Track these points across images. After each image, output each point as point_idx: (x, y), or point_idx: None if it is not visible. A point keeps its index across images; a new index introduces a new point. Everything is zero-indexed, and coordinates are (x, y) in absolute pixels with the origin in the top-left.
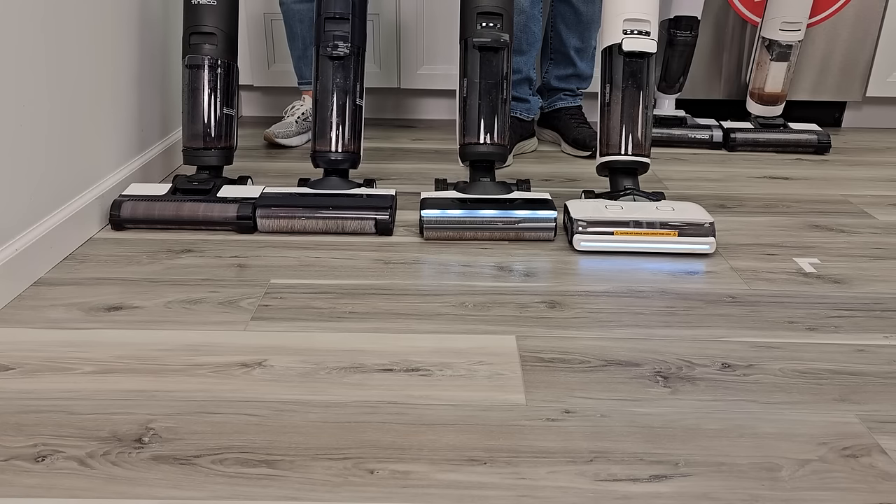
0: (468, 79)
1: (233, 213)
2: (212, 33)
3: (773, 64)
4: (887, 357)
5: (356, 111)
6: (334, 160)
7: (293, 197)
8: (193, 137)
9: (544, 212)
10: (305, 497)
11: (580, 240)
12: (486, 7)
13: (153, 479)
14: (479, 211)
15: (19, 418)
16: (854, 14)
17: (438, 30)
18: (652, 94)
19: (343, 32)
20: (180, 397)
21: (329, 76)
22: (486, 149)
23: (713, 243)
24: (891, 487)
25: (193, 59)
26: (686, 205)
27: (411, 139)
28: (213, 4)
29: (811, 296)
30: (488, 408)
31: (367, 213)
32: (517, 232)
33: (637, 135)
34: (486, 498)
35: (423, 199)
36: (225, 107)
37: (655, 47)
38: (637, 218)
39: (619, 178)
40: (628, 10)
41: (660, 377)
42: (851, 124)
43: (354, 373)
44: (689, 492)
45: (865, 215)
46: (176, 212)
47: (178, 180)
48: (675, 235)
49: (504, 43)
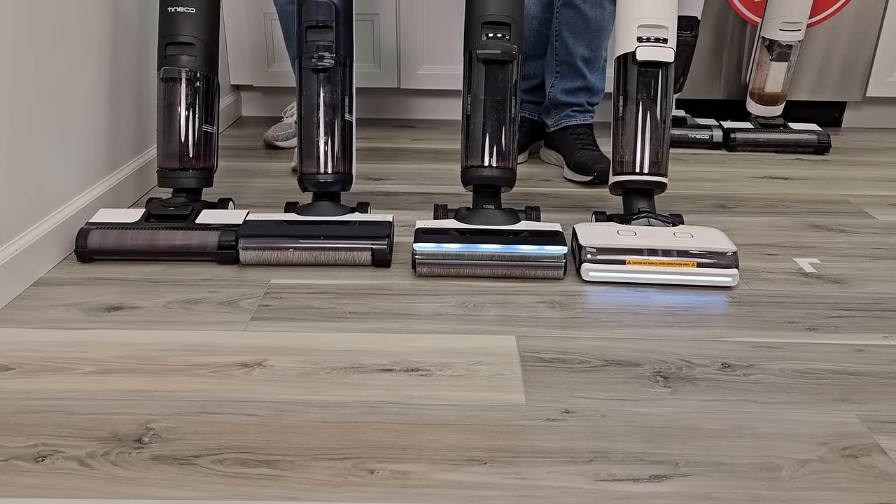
0: (472, 95)
1: (213, 241)
2: (190, 44)
3: (773, 64)
4: (887, 357)
5: (346, 127)
6: (323, 183)
7: (279, 225)
8: (169, 157)
9: (552, 247)
10: (305, 497)
11: (589, 269)
12: (492, 16)
13: (153, 479)
14: (480, 245)
15: (19, 418)
16: (854, 14)
17: (438, 30)
18: (670, 108)
19: (327, 42)
20: (180, 397)
21: (314, 90)
22: (490, 172)
23: (736, 275)
24: (891, 487)
25: (169, 72)
26: (707, 231)
27: (411, 139)
28: (190, 13)
29: (811, 296)
30: (488, 408)
31: (362, 242)
32: (521, 269)
33: (653, 152)
34: (486, 498)
35: (418, 229)
36: (204, 124)
37: (673, 56)
38: (652, 245)
39: (633, 199)
40: (643, 15)
41: (660, 377)
42: (851, 124)
43: (354, 373)
44: (689, 492)
45: (865, 215)
46: (150, 241)
47: (153, 205)
48: (694, 266)
49: (512, 55)
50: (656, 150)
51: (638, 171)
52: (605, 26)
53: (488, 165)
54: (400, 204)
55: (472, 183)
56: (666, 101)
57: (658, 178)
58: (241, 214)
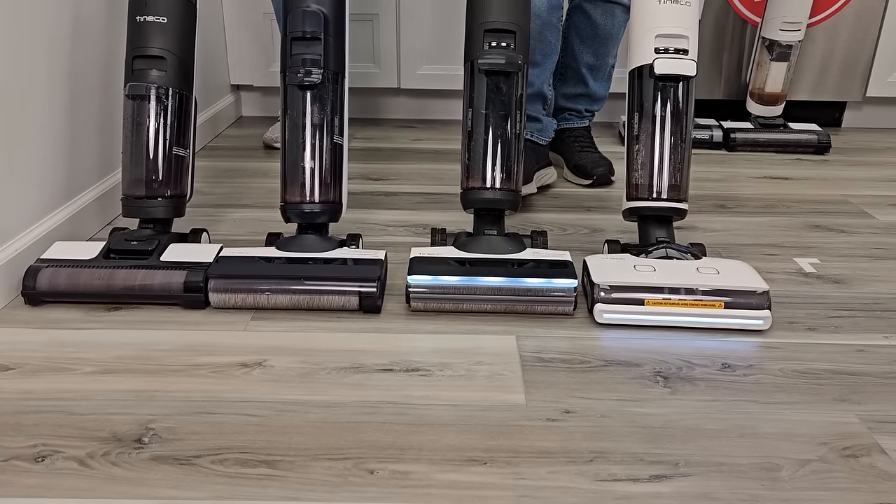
0: (474, 109)
1: (178, 282)
2: (160, 57)
3: (773, 64)
4: (887, 357)
5: (335, 151)
6: (309, 213)
7: (255, 264)
8: (135, 184)
9: (561, 280)
10: (305, 497)
11: (603, 310)
12: (495, 23)
13: (153, 479)
14: (481, 278)
15: (19, 418)
16: (854, 14)
17: (438, 30)
18: (691, 126)
19: (315, 55)
20: (180, 397)
21: (299, 109)
22: (493, 195)
23: (768, 318)
24: (891, 487)
25: (136, 88)
26: (733, 265)
27: (411, 139)
28: (161, 22)
29: (811, 296)
30: (488, 408)
31: (348, 284)
32: (527, 304)
33: (672, 175)
34: (486, 498)
35: (413, 258)
36: (175, 146)
37: (695, 69)
38: (674, 283)
39: (649, 227)
40: (661, 23)
41: (660, 377)
42: (851, 124)
43: (354, 373)
44: (689, 492)
45: (865, 215)
46: (107, 282)
47: (114, 238)
48: (721, 307)
49: (518, 66)
50: (676, 174)
51: (655, 196)
52: (615, 34)
53: (491, 187)
54: (400, 204)
55: (473, 206)
56: (686, 119)
57: (677, 205)
58: (213, 250)
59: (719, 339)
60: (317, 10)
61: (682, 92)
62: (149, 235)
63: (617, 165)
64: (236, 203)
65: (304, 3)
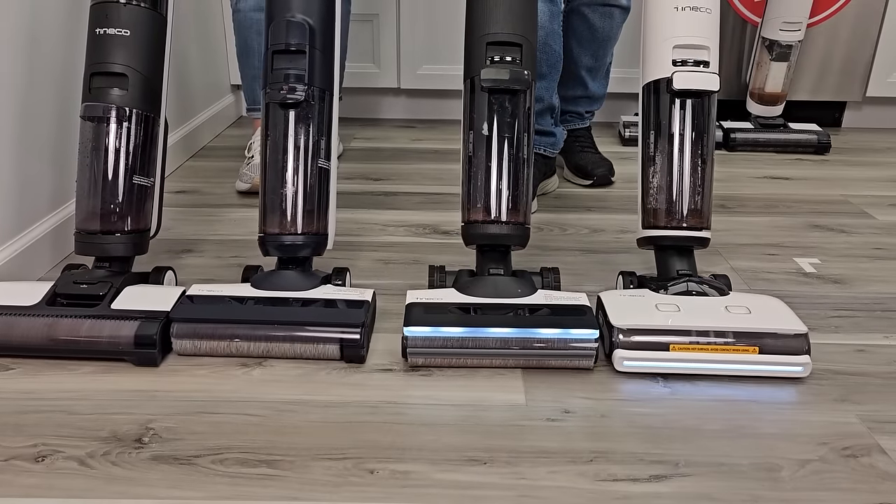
0: (475, 131)
1: (128, 335)
2: (121, 74)
3: (773, 64)
4: (887, 357)
5: (321, 177)
6: (289, 246)
7: (225, 306)
8: (89, 217)
9: (581, 331)
10: (305, 497)
11: (623, 357)
12: (499, 34)
13: (153, 479)
14: (488, 328)
15: (19, 418)
16: (854, 14)
17: (438, 30)
18: (713, 145)
19: (299, 70)
20: (180, 397)
21: (281, 130)
22: (499, 230)
23: (808, 363)
24: (891, 487)
25: (93, 109)
26: (765, 302)
27: (411, 139)
28: (124, 35)
29: (811, 296)
30: (488, 408)
31: (328, 331)
32: (541, 359)
33: (693, 200)
34: (486, 498)
35: (410, 305)
36: (137, 175)
37: (718, 83)
38: (702, 325)
39: (669, 259)
40: (679, 32)
41: (660, 377)
42: (851, 124)
43: (354, 373)
44: (689, 492)
45: (865, 215)
46: (47, 334)
47: (62, 280)
48: (755, 352)
49: (525, 82)
50: (696, 198)
51: (673, 224)
52: (613, 36)
53: (495, 220)
54: (400, 204)
55: (475, 242)
56: (708, 137)
57: (699, 233)
58: (174, 294)
59: None
60: (302, 20)
61: (703, 108)
62: (102, 277)
63: (618, 166)
64: (236, 203)
65: (288, 13)
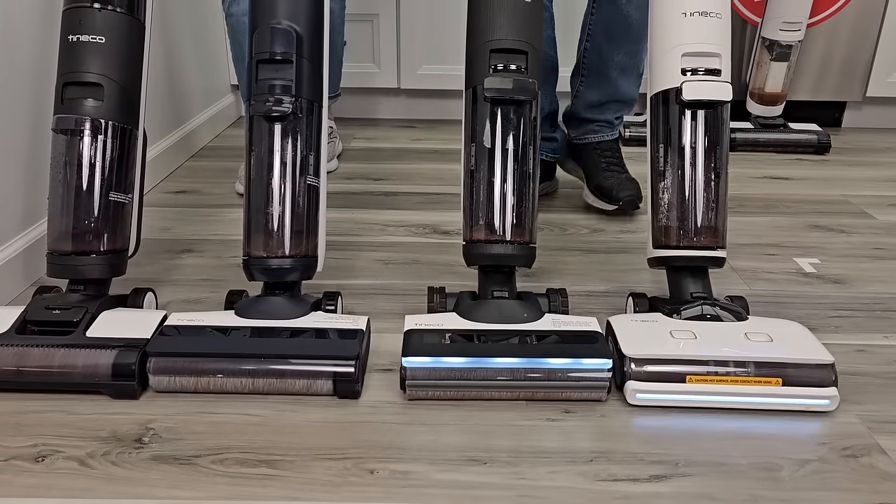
0: (477, 144)
1: (105, 366)
2: (96, 84)
3: (773, 64)
4: (887, 357)
5: (309, 194)
6: (276, 270)
7: (206, 338)
8: (62, 237)
9: (593, 360)
10: (305, 497)
11: (636, 389)
12: (503, 41)
13: (153, 479)
14: (493, 358)
15: (19, 418)
16: (854, 14)
17: (438, 30)
18: (726, 158)
19: (285, 81)
20: (180, 397)
21: (266, 144)
22: (503, 249)
23: (836, 397)
24: (891, 487)
25: (65, 121)
26: (787, 328)
27: (411, 139)
28: (98, 42)
29: (811, 296)
30: (488, 407)
31: (320, 364)
32: (549, 391)
33: (707, 217)
34: (486, 498)
35: (409, 332)
36: (113, 191)
37: (731, 93)
38: (721, 355)
39: (682, 280)
40: (688, 39)
41: None
42: (851, 124)
43: None
44: (689, 492)
45: (865, 215)
46: (16, 365)
47: (33, 305)
48: (778, 384)
49: (531, 92)
50: (710, 214)
51: (687, 243)
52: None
53: (499, 240)
54: (400, 204)
55: (477, 263)
56: (721, 150)
57: (714, 253)
58: (154, 319)
59: None
60: (288, 27)
61: (715, 119)
62: (76, 302)
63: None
64: (235, 203)
65: (273, 20)
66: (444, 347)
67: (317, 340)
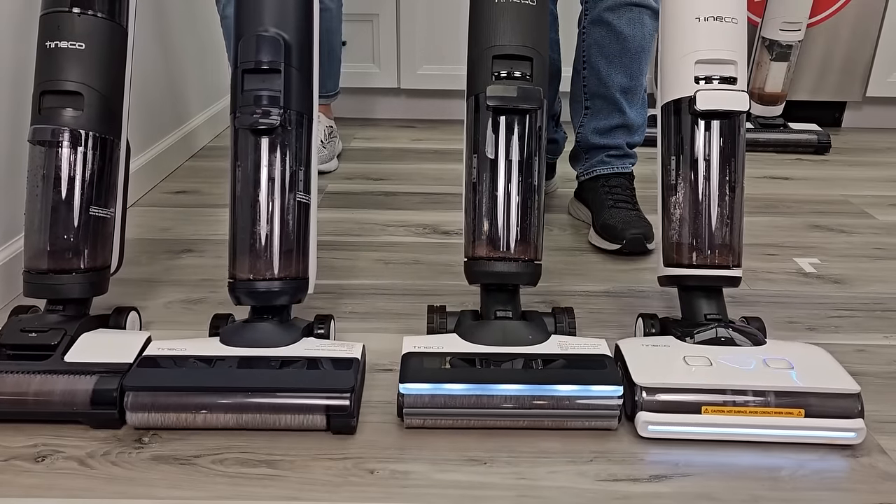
0: (479, 155)
1: (85, 393)
2: (76, 93)
3: (773, 64)
4: (887, 357)
5: (299, 212)
6: (264, 294)
7: (188, 371)
8: (39, 254)
9: (603, 387)
10: (305, 497)
11: (648, 422)
12: (507, 47)
13: (153, 479)
14: (496, 385)
15: None
16: (854, 14)
17: (438, 30)
18: (742, 171)
19: (273, 92)
20: None
21: (253, 159)
22: (507, 267)
23: (862, 429)
24: (891, 487)
25: (42, 132)
26: (808, 353)
27: (411, 139)
28: (78, 48)
29: (811, 296)
30: None
31: (312, 397)
32: (555, 420)
33: (722, 234)
34: (486, 498)
35: (406, 355)
36: (94, 205)
37: (748, 102)
38: (738, 385)
39: (695, 301)
40: (702, 45)
41: None
42: (851, 124)
43: None
44: (689, 492)
45: (865, 215)
46: None
47: (8, 327)
48: (801, 416)
49: (536, 100)
50: (724, 230)
51: (701, 261)
52: (646, 46)
53: (502, 257)
54: (400, 204)
55: (480, 281)
56: (737, 162)
57: (728, 272)
58: (138, 341)
59: None
60: (275, 35)
61: (731, 130)
62: (54, 323)
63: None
64: None
65: (260, 27)
66: (444, 373)
67: (308, 371)
